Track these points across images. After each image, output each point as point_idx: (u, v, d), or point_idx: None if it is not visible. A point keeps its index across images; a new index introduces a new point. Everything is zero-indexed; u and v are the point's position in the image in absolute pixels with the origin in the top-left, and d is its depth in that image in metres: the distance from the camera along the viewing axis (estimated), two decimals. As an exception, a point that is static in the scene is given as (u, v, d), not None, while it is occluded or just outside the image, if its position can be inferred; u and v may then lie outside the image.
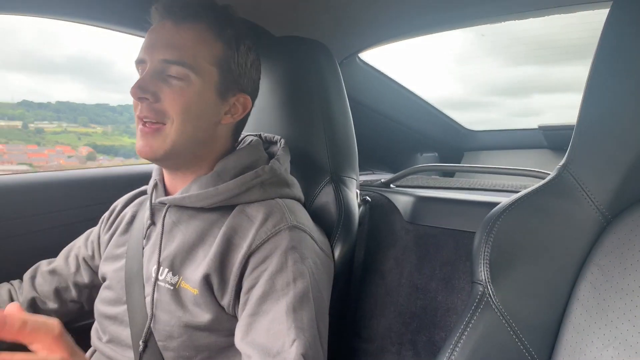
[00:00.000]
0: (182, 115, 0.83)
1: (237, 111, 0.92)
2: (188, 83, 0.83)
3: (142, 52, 0.86)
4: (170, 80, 0.83)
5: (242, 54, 0.90)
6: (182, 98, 0.83)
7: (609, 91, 0.70)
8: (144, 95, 0.82)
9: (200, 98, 0.85)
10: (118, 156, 2.64)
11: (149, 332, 0.85)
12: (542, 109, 2.48)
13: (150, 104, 0.83)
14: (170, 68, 0.83)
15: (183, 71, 0.83)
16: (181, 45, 0.83)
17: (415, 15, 1.35)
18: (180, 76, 0.83)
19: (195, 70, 0.83)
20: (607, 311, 0.64)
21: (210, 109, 0.87)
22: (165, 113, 0.83)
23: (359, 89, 1.74)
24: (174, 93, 0.83)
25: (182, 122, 0.83)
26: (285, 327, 0.75)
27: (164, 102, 0.83)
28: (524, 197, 0.73)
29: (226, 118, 0.90)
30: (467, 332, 0.67)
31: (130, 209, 1.03)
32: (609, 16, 0.72)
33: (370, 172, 1.90)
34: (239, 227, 0.84)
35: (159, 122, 0.83)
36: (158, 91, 0.83)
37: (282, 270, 0.80)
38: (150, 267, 0.88)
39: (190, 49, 0.84)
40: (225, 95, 0.89)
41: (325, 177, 1.08)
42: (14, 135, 2.55)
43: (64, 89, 3.48)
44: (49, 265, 1.07)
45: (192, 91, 0.83)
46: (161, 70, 0.83)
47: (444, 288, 1.05)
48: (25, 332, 0.45)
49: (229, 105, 0.90)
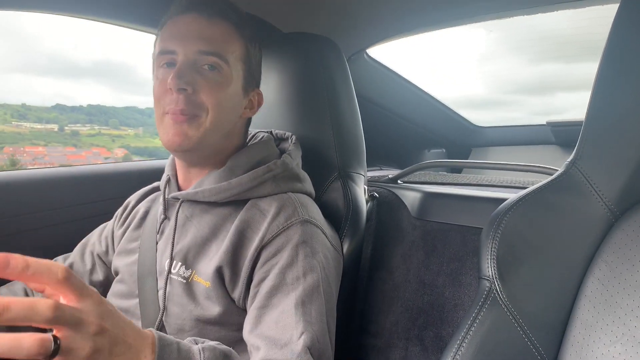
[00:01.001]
0: (218, 107, 0.84)
1: (254, 106, 0.95)
2: (222, 76, 0.85)
3: (169, 42, 0.85)
4: (204, 72, 0.84)
5: (257, 51, 0.94)
6: (219, 90, 0.84)
7: (618, 88, 0.70)
8: (185, 86, 0.81)
9: (232, 91, 0.87)
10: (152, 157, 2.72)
11: (160, 326, 0.86)
12: (565, 107, 2.45)
13: (189, 95, 0.82)
14: (206, 59, 0.83)
15: (218, 62, 0.84)
16: (215, 38, 0.85)
17: (423, 10, 1.34)
18: (216, 67, 0.84)
19: (228, 62, 0.85)
20: (614, 307, 0.64)
21: (237, 102, 0.90)
22: (202, 105, 0.83)
23: (367, 85, 1.74)
24: (210, 85, 0.83)
25: (217, 114, 0.84)
26: (294, 320, 0.76)
27: (201, 94, 0.83)
28: (531, 193, 0.73)
29: (246, 112, 0.93)
30: (474, 327, 0.68)
31: (143, 204, 1.04)
32: (618, 13, 0.71)
33: (378, 168, 1.90)
34: (251, 221, 0.85)
35: (194, 113, 0.83)
36: (195, 83, 0.83)
37: (292, 264, 0.80)
38: (164, 261, 0.89)
39: (223, 42, 0.86)
40: (247, 90, 0.92)
41: (333, 173, 1.08)
42: (51, 138, 2.61)
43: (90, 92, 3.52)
44: (64, 262, 1.08)
45: (226, 84, 0.85)
46: (196, 61, 0.84)
47: (451, 284, 1.06)
48: (27, 274, 0.46)
49: (248, 99, 0.93)
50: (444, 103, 2.07)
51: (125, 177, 1.40)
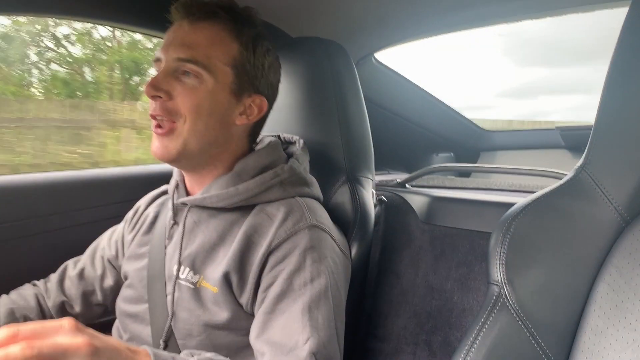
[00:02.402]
0: (193, 113, 0.84)
1: (253, 112, 0.91)
2: (200, 82, 0.84)
3: (159, 50, 0.87)
4: (183, 79, 0.84)
5: (259, 55, 0.90)
6: (194, 96, 0.83)
7: (628, 92, 0.70)
8: (157, 93, 0.83)
9: (212, 97, 0.85)
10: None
11: (169, 331, 0.86)
12: (548, 111, 2.47)
13: (164, 102, 0.83)
14: (184, 66, 0.83)
15: (196, 69, 0.83)
16: (195, 44, 0.84)
17: (431, 15, 1.34)
18: (193, 74, 0.83)
19: (208, 69, 0.84)
20: (625, 313, 0.63)
21: (222, 108, 0.87)
22: (178, 111, 0.84)
23: (375, 89, 1.74)
24: (186, 91, 0.83)
25: (193, 120, 0.84)
26: (300, 325, 0.76)
27: (177, 100, 0.83)
28: (541, 198, 0.73)
29: (241, 119, 0.90)
30: (482, 333, 0.67)
31: (152, 208, 1.04)
32: (627, 16, 0.71)
33: (386, 172, 1.90)
34: (259, 226, 0.85)
35: (171, 121, 0.84)
36: (171, 89, 0.83)
37: (300, 269, 0.80)
38: (172, 266, 0.89)
39: (205, 48, 0.84)
40: (240, 96, 0.88)
41: (341, 177, 1.08)
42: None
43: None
44: (75, 267, 1.09)
45: (204, 90, 0.84)
46: (175, 68, 0.84)
47: (459, 288, 1.05)
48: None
49: (243, 106, 0.89)
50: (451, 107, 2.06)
51: (135, 181, 1.41)
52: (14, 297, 1.03)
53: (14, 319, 0.98)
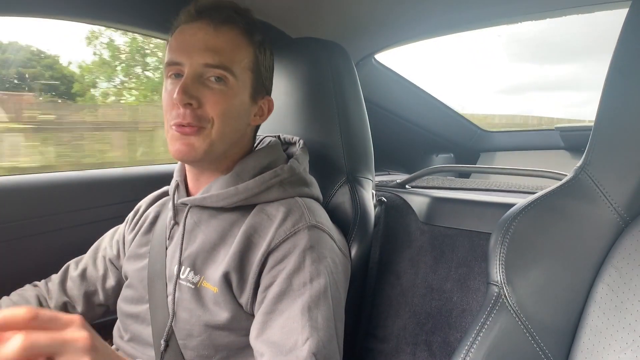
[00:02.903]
0: (222, 117, 0.84)
1: (264, 113, 0.94)
2: (227, 86, 0.84)
3: (176, 54, 0.85)
4: (209, 84, 0.84)
5: (269, 58, 0.93)
6: (223, 101, 0.84)
7: (627, 92, 0.70)
8: (190, 100, 0.82)
9: (238, 101, 0.87)
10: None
11: (170, 331, 0.86)
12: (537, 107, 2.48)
13: (194, 109, 0.83)
14: (212, 72, 0.83)
15: (224, 74, 0.84)
16: (221, 49, 0.84)
17: (431, 16, 1.34)
18: (221, 79, 0.84)
19: (234, 73, 0.85)
20: (625, 314, 0.63)
21: (245, 111, 0.89)
22: (207, 117, 0.84)
23: (375, 90, 1.74)
24: (215, 96, 0.84)
25: (222, 125, 0.84)
26: (300, 325, 0.76)
27: (206, 106, 0.83)
28: (540, 198, 0.73)
29: (255, 119, 0.93)
30: (482, 333, 0.67)
31: (153, 209, 1.04)
32: (628, 16, 0.71)
33: (386, 173, 1.90)
34: (258, 226, 0.85)
35: (199, 125, 0.83)
36: (200, 96, 0.83)
37: (299, 269, 0.80)
38: (173, 266, 0.90)
39: (229, 52, 0.85)
40: (256, 98, 0.91)
41: (341, 177, 1.08)
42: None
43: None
44: (77, 267, 1.09)
45: (231, 95, 0.85)
46: (201, 74, 0.84)
47: (459, 289, 1.05)
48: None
49: (257, 107, 0.92)
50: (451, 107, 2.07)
51: (136, 181, 1.41)
52: (15, 299, 1.03)
53: None
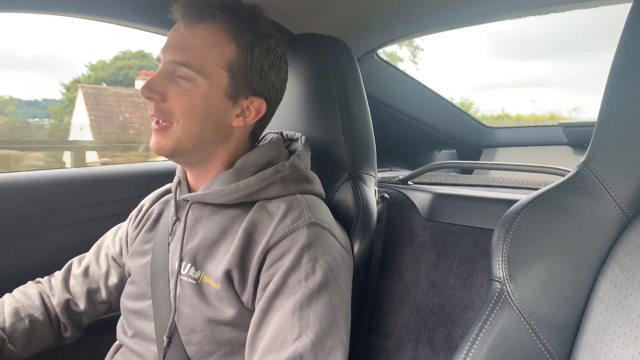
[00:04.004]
0: (186, 115, 0.85)
1: (250, 114, 0.91)
2: (194, 85, 0.85)
3: (160, 51, 0.88)
4: (178, 81, 0.85)
5: (257, 57, 0.88)
6: (187, 99, 0.85)
7: (631, 89, 0.70)
8: (151, 95, 0.85)
9: (206, 100, 0.86)
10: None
11: (173, 327, 0.86)
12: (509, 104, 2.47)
13: (158, 103, 0.86)
14: (179, 69, 0.85)
15: (190, 73, 0.84)
16: (190, 48, 0.85)
17: (434, 11, 1.34)
18: (187, 78, 0.85)
19: (202, 73, 0.85)
20: (627, 310, 0.63)
21: (217, 111, 0.87)
22: (172, 113, 0.85)
23: (377, 86, 1.73)
24: (179, 94, 0.85)
25: (187, 122, 0.85)
26: (290, 324, 0.76)
27: (170, 102, 0.85)
28: (543, 194, 0.73)
29: (237, 121, 0.90)
30: (485, 329, 0.67)
31: (157, 206, 1.05)
32: (631, 13, 0.71)
33: (388, 169, 1.89)
34: (259, 223, 0.85)
35: (167, 121, 0.86)
36: (165, 91, 0.85)
37: (296, 267, 0.80)
38: (174, 261, 0.90)
39: (200, 51, 0.85)
40: (236, 98, 0.88)
41: (343, 174, 1.08)
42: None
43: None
44: (80, 264, 1.09)
45: (197, 93, 0.85)
46: (171, 70, 0.85)
47: (461, 285, 1.05)
48: None
49: (240, 108, 0.90)
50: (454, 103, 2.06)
51: (139, 178, 1.41)
52: (18, 296, 1.03)
53: (19, 319, 0.98)
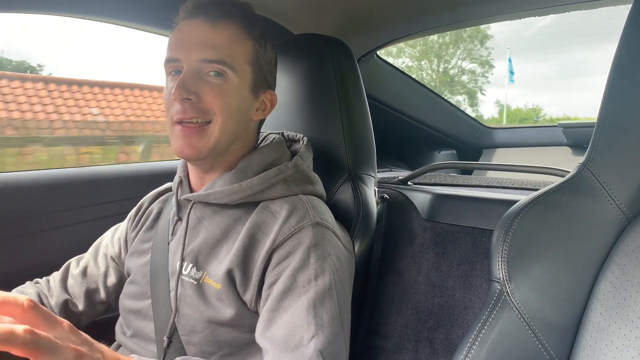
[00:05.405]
0: (224, 112, 0.85)
1: (266, 107, 0.95)
2: (226, 81, 0.85)
3: (175, 51, 0.86)
4: (209, 79, 0.85)
5: (269, 52, 0.93)
6: (224, 95, 0.85)
7: (631, 89, 0.70)
8: (188, 95, 0.83)
9: (238, 95, 0.87)
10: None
11: (173, 327, 0.86)
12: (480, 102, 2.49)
13: (194, 104, 0.84)
14: (210, 67, 0.84)
15: (223, 69, 0.84)
16: (219, 44, 0.85)
17: (434, 11, 1.34)
18: (220, 74, 0.84)
19: (233, 68, 0.85)
20: (627, 311, 0.63)
21: (246, 105, 0.89)
22: (209, 111, 0.84)
23: (377, 87, 1.73)
24: (214, 91, 0.84)
25: (224, 119, 0.85)
26: (305, 322, 0.76)
27: (207, 101, 0.84)
28: (543, 195, 0.73)
29: (257, 114, 0.93)
30: (484, 330, 0.67)
31: (156, 205, 1.05)
32: (631, 13, 0.71)
33: (388, 170, 1.89)
34: (262, 223, 0.85)
35: (204, 122, 0.85)
36: (199, 91, 0.84)
37: (304, 267, 0.80)
38: (175, 262, 0.90)
39: (228, 47, 0.85)
40: (257, 92, 0.91)
41: (343, 174, 1.08)
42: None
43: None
44: (78, 265, 1.09)
45: (230, 89, 0.85)
46: (200, 69, 0.84)
47: (461, 286, 1.05)
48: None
49: (259, 101, 0.92)
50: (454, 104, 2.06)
51: (138, 178, 1.41)
52: None
53: None
